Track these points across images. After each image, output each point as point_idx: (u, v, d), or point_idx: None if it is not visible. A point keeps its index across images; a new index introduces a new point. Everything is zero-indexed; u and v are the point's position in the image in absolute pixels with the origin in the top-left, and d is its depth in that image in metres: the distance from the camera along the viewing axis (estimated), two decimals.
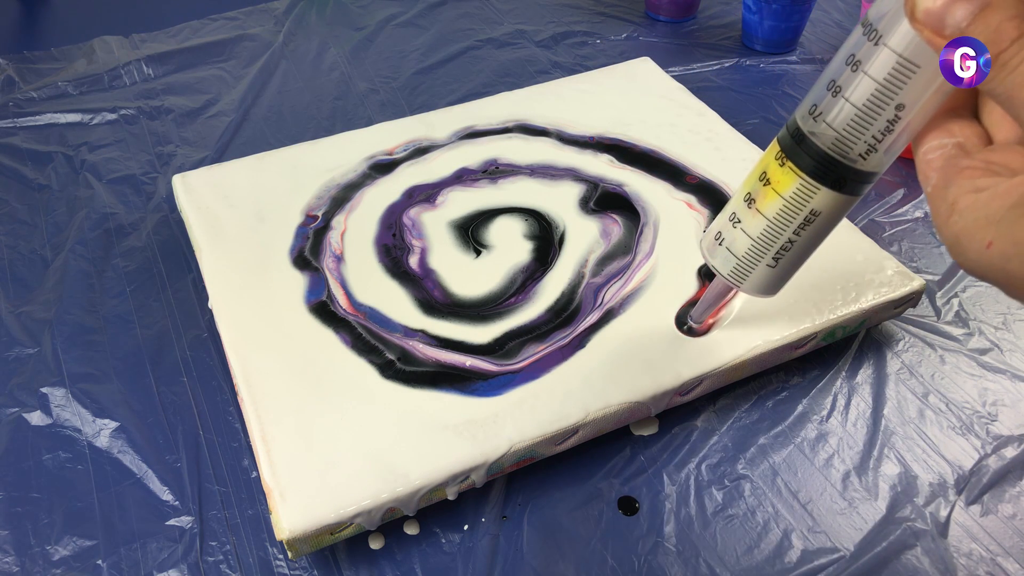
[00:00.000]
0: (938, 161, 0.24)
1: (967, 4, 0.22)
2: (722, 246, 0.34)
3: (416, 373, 0.41)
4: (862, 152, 0.28)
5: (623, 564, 0.37)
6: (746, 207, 0.32)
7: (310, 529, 0.35)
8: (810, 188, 0.30)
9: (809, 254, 0.33)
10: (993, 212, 0.21)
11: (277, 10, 0.75)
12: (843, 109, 0.27)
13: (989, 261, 0.22)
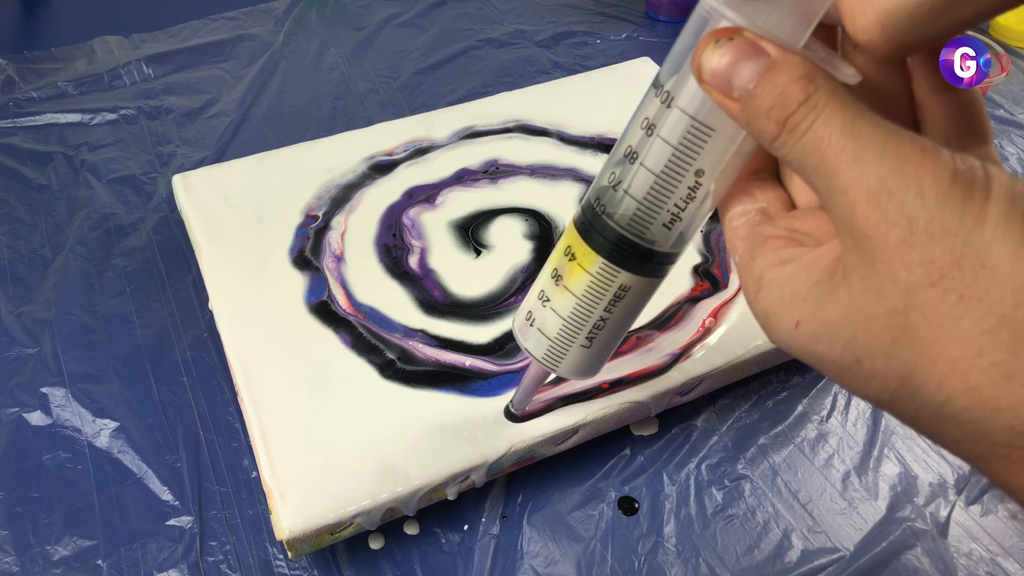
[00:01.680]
0: (743, 229, 0.23)
1: (752, 64, 0.20)
2: (533, 327, 0.31)
3: (416, 373, 0.41)
4: (665, 222, 0.26)
5: (623, 564, 0.37)
6: (554, 284, 0.30)
7: (310, 529, 0.35)
8: (612, 270, 0.28)
9: (625, 330, 0.31)
10: (799, 288, 0.20)
11: (277, 10, 0.75)
12: (640, 177, 0.25)
13: (798, 342, 0.21)
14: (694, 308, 0.44)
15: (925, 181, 0.17)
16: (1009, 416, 0.17)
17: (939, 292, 0.17)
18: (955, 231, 0.17)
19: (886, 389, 0.19)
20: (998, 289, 0.16)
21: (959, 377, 0.17)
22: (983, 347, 0.17)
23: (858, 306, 0.19)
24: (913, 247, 0.17)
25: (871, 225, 0.18)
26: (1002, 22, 0.73)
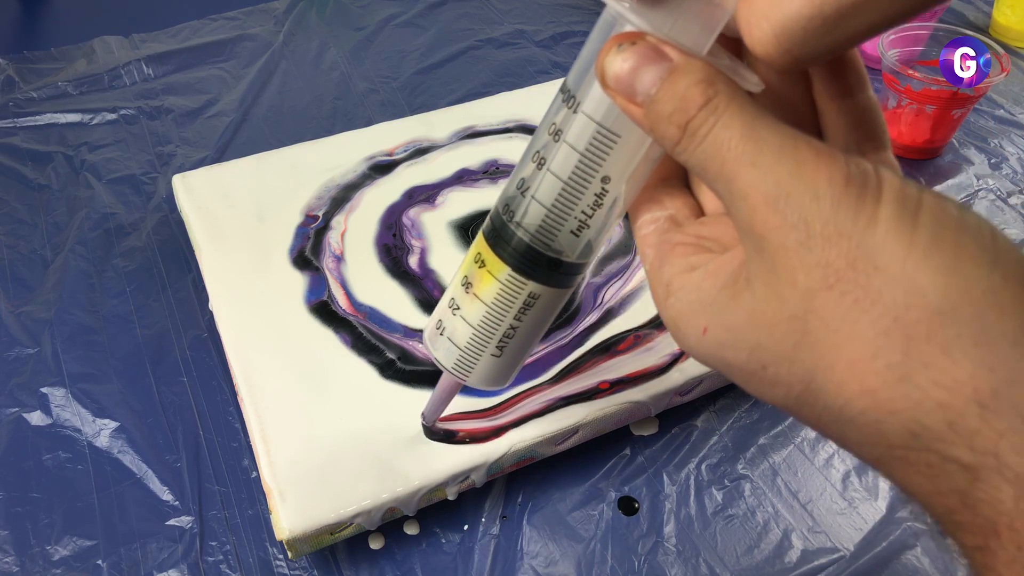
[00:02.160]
0: (652, 237, 0.23)
1: (654, 69, 0.20)
2: (443, 336, 0.30)
3: (416, 373, 0.41)
4: (573, 229, 0.26)
5: (623, 564, 0.37)
6: (464, 292, 0.29)
7: (310, 529, 0.35)
8: (519, 280, 0.28)
9: (536, 339, 0.30)
10: (705, 295, 0.20)
11: (277, 10, 0.75)
12: (548, 183, 0.25)
13: (706, 348, 0.20)
14: None
15: (820, 184, 0.17)
16: (905, 418, 0.17)
17: (836, 295, 0.17)
18: (849, 233, 0.17)
19: (791, 394, 0.19)
20: (890, 291, 0.16)
21: (856, 380, 0.17)
22: (878, 349, 0.17)
23: (761, 311, 0.19)
24: (810, 250, 0.17)
25: (770, 229, 0.18)
26: (1002, 22, 0.73)
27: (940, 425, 0.16)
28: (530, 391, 0.40)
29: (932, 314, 0.16)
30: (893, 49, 0.60)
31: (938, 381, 0.16)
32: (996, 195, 0.58)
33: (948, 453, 0.16)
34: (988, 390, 0.16)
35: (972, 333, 0.16)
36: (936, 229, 0.17)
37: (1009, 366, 0.16)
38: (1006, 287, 0.16)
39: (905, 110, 0.58)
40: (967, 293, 0.16)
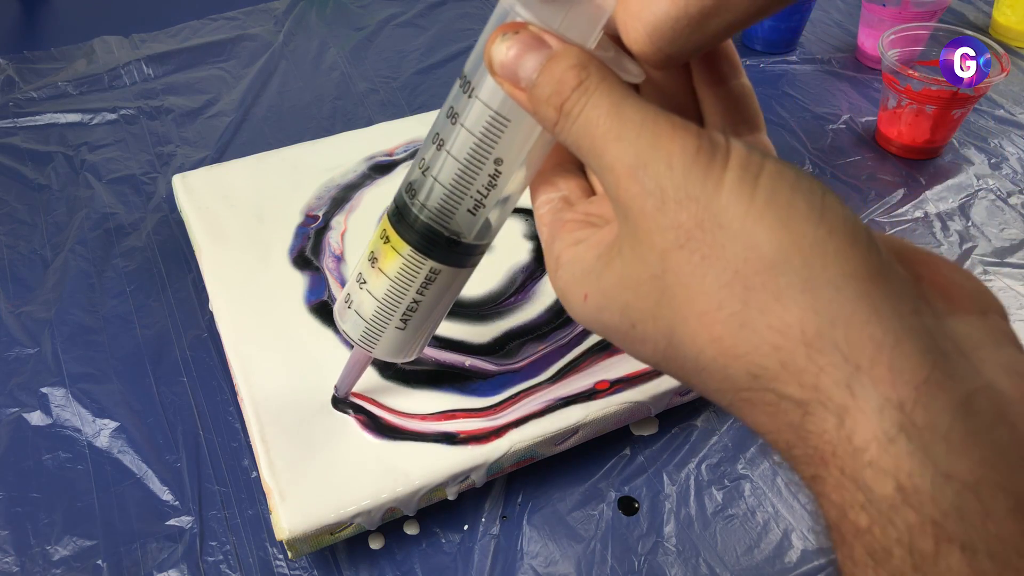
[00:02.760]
0: (547, 216, 0.25)
1: (536, 56, 0.22)
2: (351, 309, 0.32)
3: (416, 372, 0.41)
4: (470, 208, 0.27)
5: (623, 564, 0.37)
6: (370, 267, 0.31)
7: (310, 529, 0.35)
8: (420, 257, 0.29)
9: (439, 315, 0.32)
10: (587, 264, 0.22)
11: (277, 10, 0.75)
12: (446, 164, 0.27)
13: (587, 313, 0.22)
14: None
15: (674, 154, 0.19)
16: (746, 361, 0.18)
17: (686, 253, 0.19)
18: (698, 197, 0.19)
19: (658, 350, 0.20)
20: (732, 246, 0.18)
21: (706, 330, 0.19)
22: (721, 300, 0.18)
23: (628, 273, 0.20)
24: (664, 214, 0.19)
25: (631, 197, 0.20)
26: (1002, 22, 0.73)
27: (775, 365, 0.18)
28: (530, 391, 0.40)
29: (766, 265, 0.18)
30: (893, 49, 0.60)
31: (772, 325, 0.18)
32: (996, 195, 0.58)
33: (783, 391, 0.18)
34: (813, 331, 0.17)
35: (800, 281, 0.17)
36: (772, 191, 0.18)
37: (831, 309, 0.17)
38: (831, 239, 0.18)
39: (905, 110, 0.58)
40: (796, 245, 0.18)
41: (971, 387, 0.16)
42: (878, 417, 0.16)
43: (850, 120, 0.64)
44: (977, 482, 0.16)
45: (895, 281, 0.18)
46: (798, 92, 0.67)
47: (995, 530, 0.15)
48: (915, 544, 0.16)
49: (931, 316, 0.18)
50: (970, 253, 0.53)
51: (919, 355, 0.17)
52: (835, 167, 0.60)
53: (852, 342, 0.17)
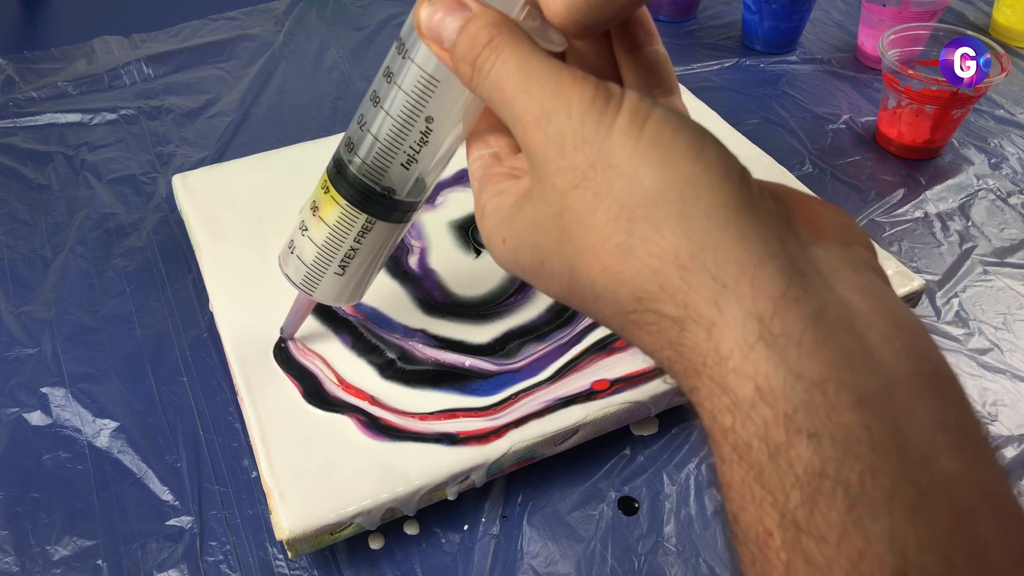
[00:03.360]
0: (478, 171, 0.27)
1: (456, 17, 0.24)
2: (294, 254, 0.34)
3: (416, 372, 0.41)
4: (403, 162, 0.29)
5: (623, 564, 0.37)
6: (312, 215, 0.33)
7: (310, 529, 0.35)
8: (355, 210, 0.31)
9: (378, 262, 0.34)
10: (505, 211, 0.24)
11: (277, 10, 0.75)
12: (382, 120, 0.29)
13: (505, 255, 0.24)
14: None
15: (573, 103, 0.21)
16: (631, 286, 0.20)
17: (581, 192, 0.21)
18: (591, 140, 0.21)
19: (563, 284, 0.22)
20: (619, 184, 0.20)
21: (598, 260, 0.21)
22: (610, 232, 0.20)
23: (536, 215, 0.22)
24: (564, 157, 0.21)
25: (536, 144, 0.22)
26: (1002, 22, 0.73)
27: (655, 288, 0.20)
28: (529, 390, 0.40)
29: (647, 199, 0.20)
30: (893, 49, 0.60)
31: (651, 252, 0.20)
32: (996, 195, 0.58)
33: (662, 311, 0.20)
34: (686, 255, 0.19)
35: (676, 211, 0.19)
36: (656, 133, 0.20)
37: (702, 235, 0.19)
38: (705, 174, 0.20)
39: (905, 110, 0.58)
40: (674, 180, 0.20)
41: (823, 301, 0.18)
42: (740, 328, 0.18)
43: (850, 120, 0.64)
44: (824, 381, 0.17)
45: (762, 212, 0.20)
46: (798, 92, 0.67)
47: (838, 420, 0.17)
48: (770, 436, 0.18)
49: (795, 243, 0.20)
50: (970, 253, 0.53)
51: (779, 274, 0.19)
52: (835, 167, 0.60)
53: (719, 264, 0.19)
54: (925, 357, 0.19)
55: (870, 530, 0.16)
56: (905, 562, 0.16)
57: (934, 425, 0.18)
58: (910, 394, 0.18)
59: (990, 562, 0.16)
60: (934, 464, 0.17)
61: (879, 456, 0.17)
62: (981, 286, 0.51)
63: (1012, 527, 0.17)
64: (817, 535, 0.17)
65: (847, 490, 0.17)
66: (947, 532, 0.16)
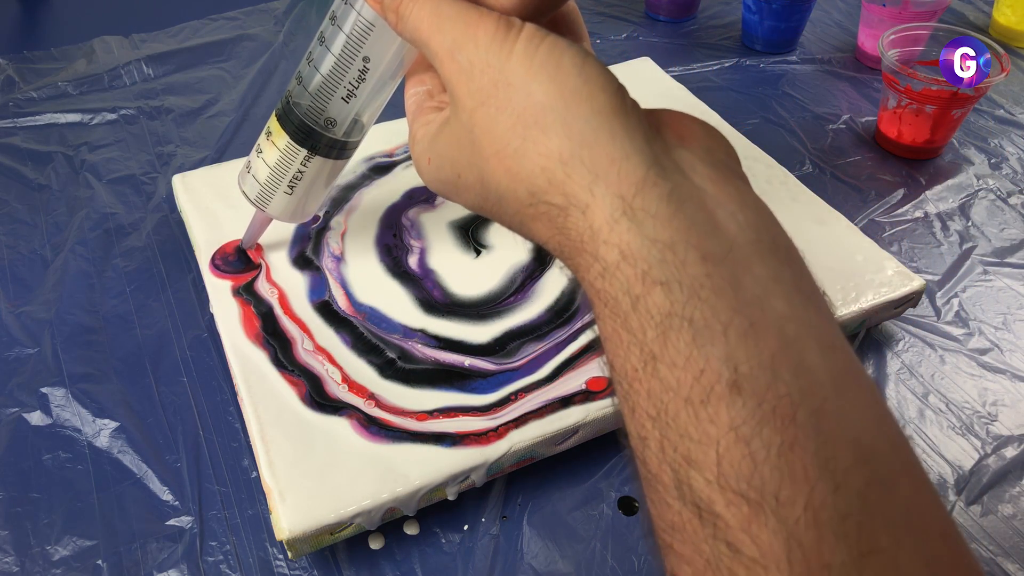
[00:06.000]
0: (412, 106, 0.30)
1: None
2: (250, 174, 0.40)
3: (416, 372, 0.41)
4: (343, 96, 0.35)
5: (623, 564, 0.37)
6: (266, 139, 0.39)
7: (310, 529, 0.35)
8: (298, 143, 0.37)
9: (323, 183, 0.40)
10: (430, 136, 0.28)
11: (277, 10, 0.75)
12: (326, 57, 0.34)
13: (430, 173, 0.28)
14: None
15: (479, 34, 0.25)
16: (527, 183, 0.24)
17: (486, 108, 0.24)
18: (494, 64, 0.24)
19: (476, 192, 0.26)
20: (516, 98, 0.24)
21: (501, 164, 0.24)
22: (509, 139, 0.24)
23: (452, 134, 0.26)
24: (472, 79, 0.25)
25: (451, 73, 0.25)
26: (1002, 22, 0.73)
27: (544, 183, 0.23)
28: (529, 389, 0.40)
29: (539, 110, 0.23)
30: (893, 49, 0.60)
31: (540, 152, 0.23)
32: (996, 195, 0.58)
33: (551, 201, 0.23)
34: (568, 153, 0.23)
35: (560, 118, 0.23)
36: (548, 55, 0.24)
37: (580, 136, 0.23)
38: (585, 87, 0.23)
39: (905, 110, 0.58)
40: (560, 93, 0.23)
41: (677, 183, 0.22)
42: (608, 208, 0.22)
43: (850, 120, 0.64)
44: (674, 243, 0.21)
45: (633, 119, 0.23)
46: (798, 92, 0.67)
47: (685, 272, 0.21)
48: (631, 289, 0.21)
49: (660, 144, 0.23)
50: (970, 253, 0.53)
51: (642, 166, 0.22)
52: (835, 167, 0.60)
53: (594, 159, 0.23)
54: (766, 229, 0.22)
55: (710, 354, 0.20)
56: (736, 374, 0.20)
57: (769, 277, 0.21)
58: (749, 255, 0.21)
59: (814, 379, 0.20)
60: (766, 305, 0.21)
61: (718, 297, 0.20)
62: (981, 286, 0.51)
63: (835, 355, 0.21)
64: (669, 361, 0.20)
65: (691, 324, 0.20)
66: (774, 353, 0.20)
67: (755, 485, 0.19)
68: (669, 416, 0.20)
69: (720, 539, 0.19)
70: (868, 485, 0.19)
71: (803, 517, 0.18)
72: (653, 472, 0.21)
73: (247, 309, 0.43)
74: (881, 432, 0.20)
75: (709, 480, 0.19)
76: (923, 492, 0.20)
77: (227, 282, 0.45)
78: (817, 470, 0.19)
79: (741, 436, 0.19)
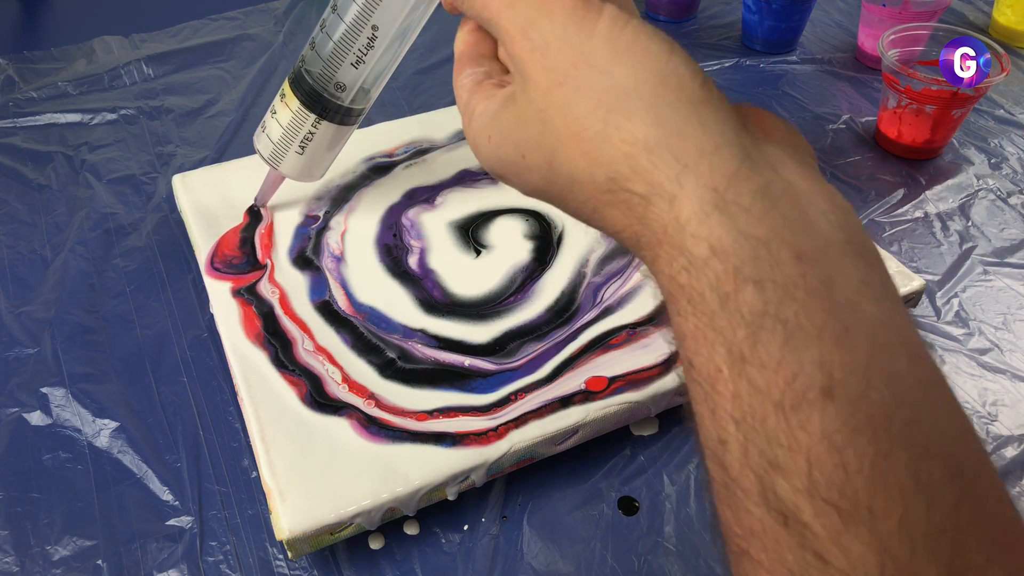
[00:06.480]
0: (468, 83, 0.29)
1: None
2: (264, 134, 0.43)
3: (416, 371, 0.41)
4: (352, 62, 0.39)
5: (623, 564, 0.37)
6: (280, 100, 0.42)
7: (310, 529, 0.35)
8: (308, 109, 0.41)
9: (332, 148, 0.44)
10: (491, 112, 0.27)
11: (277, 10, 0.75)
12: (338, 25, 0.38)
13: (490, 151, 0.27)
14: None
15: (555, 11, 0.24)
16: (607, 168, 0.23)
17: (564, 89, 0.23)
18: (573, 43, 0.23)
19: (541, 174, 0.25)
20: (598, 80, 0.23)
21: (578, 148, 0.23)
22: (589, 122, 0.23)
23: (519, 112, 0.25)
24: (548, 57, 0.24)
25: (523, 50, 0.24)
26: (1002, 22, 0.73)
27: (627, 169, 0.22)
28: (529, 389, 0.40)
29: (623, 93, 0.23)
30: (893, 49, 0.60)
31: (624, 139, 0.22)
32: (996, 195, 0.58)
33: (633, 188, 0.22)
34: (654, 141, 0.22)
35: (646, 104, 0.22)
36: (633, 39, 0.23)
37: (668, 124, 0.22)
38: (673, 74, 0.23)
39: (905, 110, 0.58)
40: (646, 79, 0.23)
41: (770, 179, 0.21)
42: (698, 200, 0.21)
43: (850, 120, 0.64)
44: (768, 240, 0.20)
45: (721, 109, 0.23)
46: (798, 92, 0.67)
47: (779, 270, 0.20)
48: (720, 286, 0.20)
49: (748, 137, 0.22)
50: (970, 253, 0.53)
51: (733, 158, 0.21)
52: (835, 167, 0.60)
53: (683, 148, 0.22)
54: (856, 231, 0.22)
55: (803, 357, 0.19)
56: (831, 380, 0.19)
57: (860, 280, 0.20)
58: (841, 255, 0.21)
59: (906, 388, 0.19)
60: (858, 308, 0.20)
61: (812, 298, 0.20)
62: (981, 286, 0.51)
63: (922, 364, 0.20)
64: (759, 363, 0.19)
65: (784, 325, 0.19)
66: (867, 360, 0.19)
67: (847, 495, 0.18)
68: (756, 420, 0.19)
69: (807, 549, 0.19)
70: (960, 500, 0.18)
71: (897, 531, 0.18)
72: (733, 476, 0.20)
73: (248, 309, 0.43)
74: (968, 446, 0.20)
75: (798, 488, 0.19)
76: (1009, 508, 0.19)
77: (227, 283, 0.45)
78: (911, 483, 0.18)
79: (834, 444, 0.18)
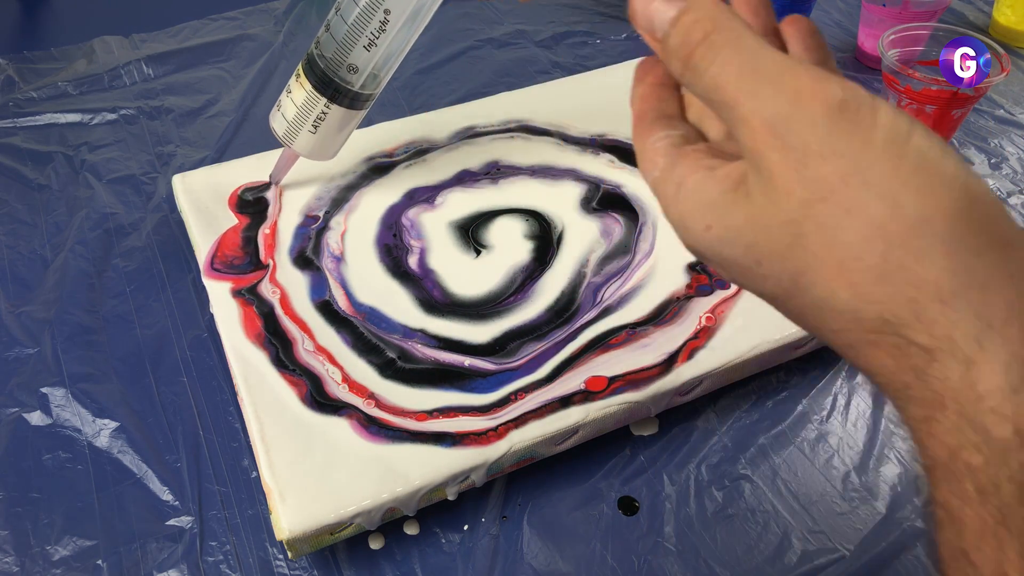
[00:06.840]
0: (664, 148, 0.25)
1: (669, 7, 0.23)
2: (279, 112, 0.46)
3: (416, 371, 0.41)
4: (365, 45, 0.41)
5: (623, 564, 0.37)
6: (295, 80, 0.44)
7: (310, 529, 0.35)
8: (319, 91, 0.44)
9: (342, 130, 0.46)
10: (711, 196, 0.22)
11: (277, 10, 0.75)
12: (352, 8, 0.40)
13: (708, 243, 0.23)
14: (689, 305, 0.44)
15: (817, 111, 0.20)
16: (879, 308, 0.20)
17: (829, 206, 0.20)
18: (843, 153, 0.20)
19: (780, 286, 0.22)
20: (876, 204, 0.19)
21: (843, 277, 0.20)
22: (862, 252, 0.19)
23: (758, 215, 0.21)
24: (807, 166, 0.20)
25: (769, 149, 0.20)
26: (1002, 22, 0.73)
27: (909, 315, 0.19)
28: (528, 389, 0.40)
29: (909, 226, 0.19)
30: (893, 49, 0.60)
31: (910, 281, 0.19)
32: (996, 195, 0.57)
33: (912, 338, 0.19)
34: (948, 290, 0.19)
35: (941, 244, 0.19)
36: (921, 157, 0.19)
37: (969, 272, 0.19)
38: (973, 209, 0.19)
39: (905, 110, 0.58)
40: (941, 211, 0.19)
41: None
42: (1004, 370, 0.18)
43: None
44: None
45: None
46: None
47: None
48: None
49: None
50: None
51: None
52: None
53: (987, 303, 0.18)
54: None
55: None
56: None
57: None
58: None
59: None
60: None
61: None
62: None
63: None
64: None
65: None
66: None
67: None
68: None
69: None
70: None
71: None
72: None
73: (248, 310, 0.43)
74: None
75: None
76: None
77: (227, 283, 0.45)
78: None
79: None
